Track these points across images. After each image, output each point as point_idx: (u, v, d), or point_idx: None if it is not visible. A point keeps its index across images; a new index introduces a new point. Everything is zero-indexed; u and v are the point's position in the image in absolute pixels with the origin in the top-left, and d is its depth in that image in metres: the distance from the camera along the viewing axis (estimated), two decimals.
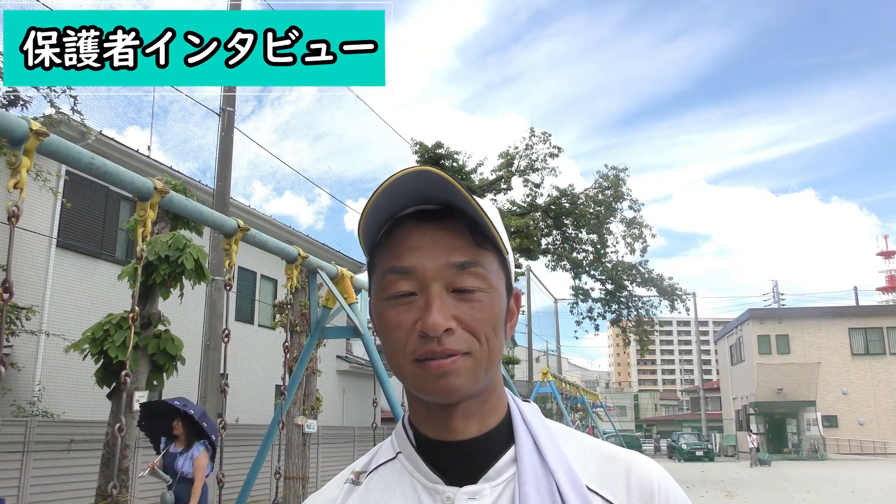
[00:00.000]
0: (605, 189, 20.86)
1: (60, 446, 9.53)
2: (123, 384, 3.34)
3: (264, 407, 17.20)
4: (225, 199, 11.25)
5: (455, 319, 0.80)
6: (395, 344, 0.83)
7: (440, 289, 0.81)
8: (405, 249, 0.82)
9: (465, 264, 0.81)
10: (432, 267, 0.81)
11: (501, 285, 0.86)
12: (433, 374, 0.80)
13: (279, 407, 5.31)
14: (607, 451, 0.89)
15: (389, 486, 0.87)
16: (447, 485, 0.83)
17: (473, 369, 0.81)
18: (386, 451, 0.93)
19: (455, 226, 0.82)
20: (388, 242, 0.85)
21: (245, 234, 4.39)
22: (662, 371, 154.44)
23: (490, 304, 0.83)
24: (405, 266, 0.82)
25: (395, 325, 0.82)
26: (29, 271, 11.67)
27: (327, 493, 0.94)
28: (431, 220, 0.83)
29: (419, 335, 0.80)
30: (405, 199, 0.83)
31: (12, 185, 2.65)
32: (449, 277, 0.81)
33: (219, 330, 10.66)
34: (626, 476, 0.85)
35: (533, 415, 0.91)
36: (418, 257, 0.82)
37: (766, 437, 37.72)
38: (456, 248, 0.82)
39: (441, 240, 0.82)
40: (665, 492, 0.85)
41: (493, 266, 0.84)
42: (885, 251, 77.20)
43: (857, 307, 42.69)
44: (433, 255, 0.81)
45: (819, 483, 20.25)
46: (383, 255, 0.85)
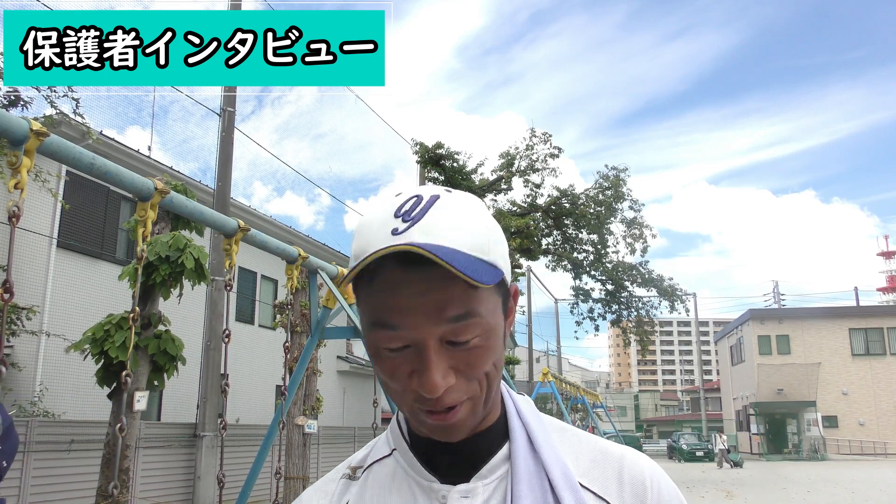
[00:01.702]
0: (605, 189, 20.85)
1: (61, 446, 9.53)
2: (124, 384, 3.34)
3: (265, 407, 17.21)
4: (225, 199, 11.25)
5: (453, 370, 0.77)
6: (393, 391, 0.81)
7: (435, 344, 0.76)
8: (392, 307, 0.76)
9: (458, 318, 0.76)
10: (424, 327, 0.75)
11: (498, 311, 0.82)
12: (435, 425, 0.79)
13: (280, 407, 5.31)
14: (600, 447, 0.89)
15: (385, 484, 0.87)
16: (441, 483, 0.84)
17: (474, 409, 0.80)
18: (381, 448, 0.93)
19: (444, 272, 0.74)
20: (371, 284, 0.78)
21: (245, 234, 4.39)
22: (663, 371, 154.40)
23: (487, 347, 0.79)
24: (394, 323, 0.76)
25: (391, 374, 0.79)
26: (29, 271, 11.68)
27: (325, 488, 0.94)
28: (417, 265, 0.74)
29: (417, 392, 0.77)
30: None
31: (13, 186, 2.65)
32: (443, 332, 0.76)
33: (219, 330, 10.66)
34: (619, 472, 0.85)
35: (527, 409, 0.91)
36: (408, 316, 0.75)
37: (767, 437, 37.72)
38: (448, 303, 0.75)
39: (430, 293, 0.75)
40: (658, 487, 0.85)
41: (490, 300, 0.80)
42: (886, 251, 77.16)
43: (858, 307, 42.68)
44: (425, 313, 0.75)
45: (819, 483, 20.25)
46: (368, 299, 0.79)
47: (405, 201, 0.79)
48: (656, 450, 49.97)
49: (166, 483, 11.33)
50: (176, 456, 11.57)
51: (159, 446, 11.25)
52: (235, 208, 16.07)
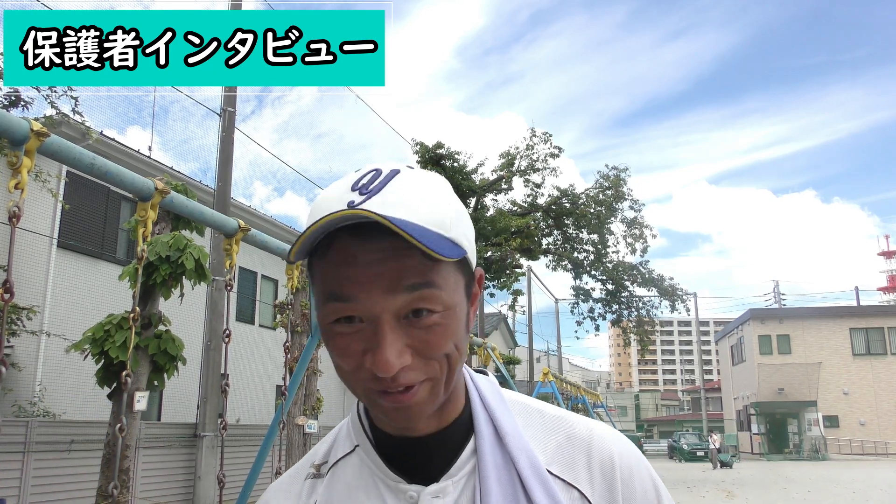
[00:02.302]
0: (605, 189, 20.86)
1: (61, 446, 9.53)
2: (124, 384, 3.34)
3: (265, 407, 17.21)
4: (226, 199, 11.26)
5: (409, 349, 0.73)
6: (345, 372, 0.76)
7: (390, 319, 0.72)
8: (345, 277, 0.72)
9: (416, 286, 0.72)
10: (379, 299, 0.71)
11: (460, 291, 0.78)
12: (390, 406, 0.75)
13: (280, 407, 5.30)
14: (566, 427, 0.86)
15: (352, 484, 0.84)
16: (409, 483, 0.81)
17: (433, 391, 0.76)
18: (343, 444, 0.89)
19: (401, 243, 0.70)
20: (325, 258, 0.74)
21: (246, 234, 4.39)
22: (663, 371, 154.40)
23: (447, 325, 0.74)
24: (348, 294, 0.72)
25: (342, 352, 0.75)
26: (30, 272, 11.68)
27: (289, 488, 0.90)
28: (371, 237, 0.71)
29: (370, 371, 0.73)
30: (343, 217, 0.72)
31: (13, 186, 2.65)
32: (399, 304, 0.72)
33: (220, 330, 10.66)
34: (587, 454, 0.83)
35: (491, 394, 0.88)
36: (361, 288, 0.71)
37: (768, 437, 37.71)
38: (403, 272, 0.71)
39: (386, 262, 0.71)
40: (628, 465, 0.83)
41: (450, 276, 0.76)
42: (886, 251, 77.13)
43: (859, 307, 42.67)
44: (380, 284, 0.71)
45: (820, 483, 20.24)
46: (321, 273, 0.75)
47: (363, 175, 0.76)
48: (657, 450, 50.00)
49: (166, 483, 11.33)
50: (176, 456, 11.57)
51: (159, 446, 11.25)
52: (236, 208, 16.07)
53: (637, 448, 0.86)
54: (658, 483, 0.85)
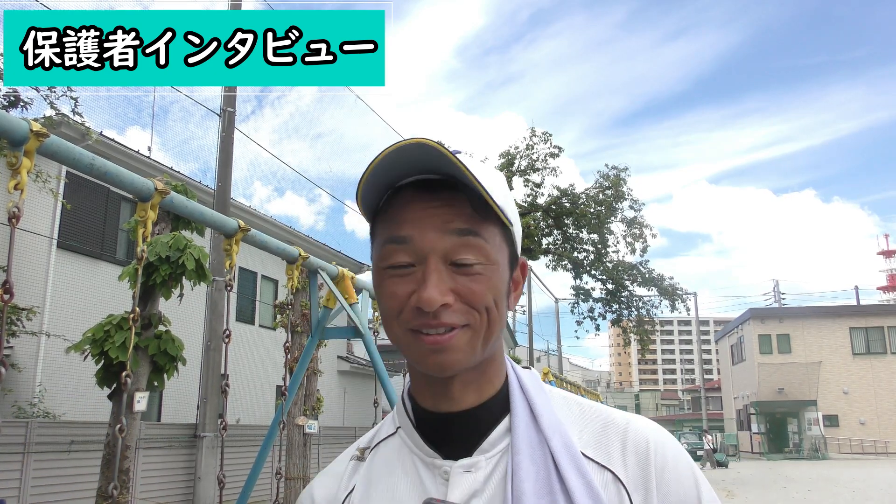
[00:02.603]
0: (605, 189, 20.86)
1: (61, 447, 9.52)
2: (124, 385, 3.33)
3: (265, 407, 17.20)
4: (225, 199, 11.25)
5: (453, 293, 0.79)
6: (390, 313, 0.83)
7: (437, 261, 0.80)
8: (403, 220, 0.81)
9: (463, 232, 0.80)
10: (430, 237, 0.80)
11: (504, 257, 0.84)
12: (429, 348, 0.80)
13: (280, 407, 5.30)
14: (605, 416, 0.88)
15: (391, 462, 0.89)
16: (444, 458, 0.84)
17: (472, 342, 0.81)
18: (387, 427, 0.94)
19: (455, 196, 0.81)
20: (388, 211, 0.84)
21: (246, 234, 4.39)
22: (663, 371, 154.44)
23: (489, 277, 0.81)
24: (403, 235, 0.81)
25: (391, 295, 0.82)
26: (29, 272, 11.67)
27: (335, 469, 0.96)
28: (431, 190, 0.81)
29: (415, 307, 0.79)
30: (406, 168, 0.82)
31: (13, 187, 2.65)
32: (447, 248, 0.80)
33: (220, 330, 10.66)
34: (622, 440, 0.84)
35: (531, 381, 0.90)
36: (416, 227, 0.80)
37: (768, 436, 37.71)
38: (455, 217, 0.80)
39: (440, 209, 0.81)
40: (662, 451, 0.83)
41: (495, 238, 0.83)
42: (886, 250, 77.11)
43: (858, 306, 42.68)
44: (431, 226, 0.80)
45: (820, 482, 20.24)
46: (383, 224, 0.84)
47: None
48: None
49: (167, 484, 11.32)
50: (176, 456, 11.57)
51: (159, 447, 11.25)
52: (236, 208, 16.07)
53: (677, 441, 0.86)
54: (698, 476, 0.85)
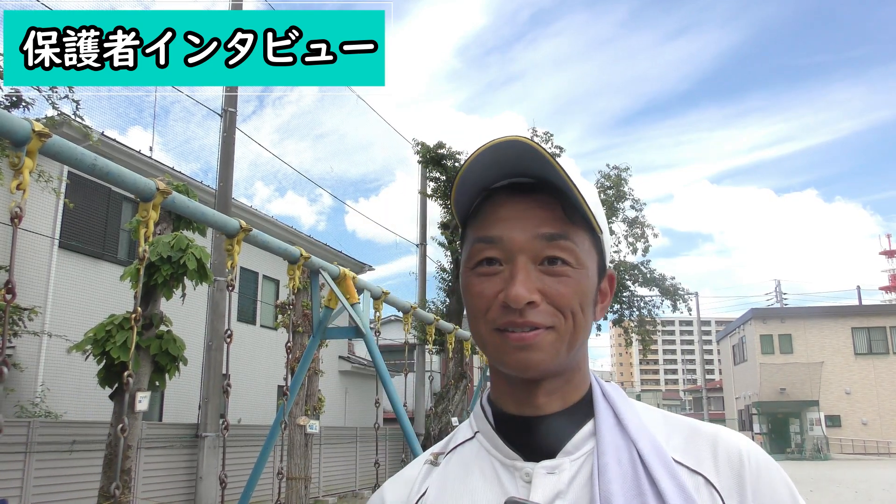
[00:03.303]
0: (607, 188, 20.85)
1: (63, 447, 9.53)
2: (126, 385, 3.34)
3: (266, 407, 17.21)
4: (227, 199, 11.26)
5: (539, 293, 0.79)
6: (477, 312, 0.83)
7: (526, 261, 0.80)
8: (494, 220, 0.82)
9: (553, 236, 0.80)
10: (520, 237, 0.80)
11: (592, 264, 0.84)
12: (513, 345, 0.79)
13: (281, 407, 5.31)
14: (692, 425, 0.87)
15: (468, 465, 0.87)
16: (525, 461, 0.83)
17: (556, 344, 0.80)
18: (464, 432, 0.93)
19: (547, 199, 0.82)
20: (479, 213, 0.85)
21: (247, 234, 4.40)
22: (665, 371, 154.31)
23: (577, 280, 0.81)
24: (493, 235, 0.82)
25: (478, 294, 0.82)
26: (31, 272, 11.69)
27: (407, 474, 0.94)
28: (523, 192, 0.82)
29: (501, 305, 0.80)
30: (498, 171, 0.82)
31: (15, 187, 2.65)
32: (536, 249, 0.80)
33: (221, 330, 10.67)
34: (713, 448, 0.83)
35: (615, 392, 0.90)
36: (506, 228, 0.81)
37: (770, 436, 37.65)
38: (545, 220, 0.81)
39: (531, 211, 0.81)
40: (756, 460, 0.83)
41: (585, 243, 0.83)
42: (888, 250, 76.91)
43: (860, 307, 42.60)
44: (522, 227, 0.81)
45: (822, 483, 20.22)
46: (474, 226, 0.85)
47: None
48: None
49: (168, 483, 11.33)
50: (178, 456, 11.57)
51: (161, 447, 11.26)
52: (237, 209, 16.08)
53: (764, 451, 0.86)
54: (793, 488, 0.84)
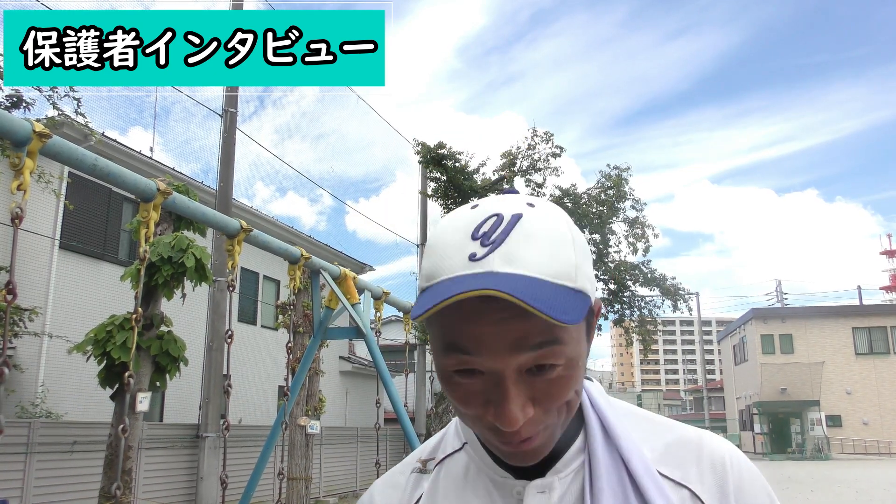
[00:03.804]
0: (607, 189, 20.83)
1: (64, 447, 9.53)
2: (126, 385, 3.34)
3: (267, 408, 17.21)
4: (227, 200, 11.26)
5: (531, 402, 0.72)
6: (465, 416, 0.77)
7: (513, 374, 0.71)
8: (471, 334, 0.70)
9: (542, 344, 0.70)
10: (503, 356, 0.70)
11: (583, 338, 0.76)
12: (509, 451, 0.76)
13: (282, 408, 5.31)
14: (675, 431, 0.86)
15: (459, 480, 0.86)
16: (516, 478, 0.81)
17: (551, 436, 0.77)
18: (452, 441, 0.90)
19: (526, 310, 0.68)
20: (446, 314, 0.70)
21: (248, 234, 4.40)
22: (666, 371, 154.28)
23: (569, 377, 0.73)
24: (471, 349, 0.71)
25: (464, 402, 0.74)
26: (32, 273, 11.69)
27: (395, 479, 0.92)
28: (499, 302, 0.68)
29: (491, 424, 0.73)
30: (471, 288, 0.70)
31: (15, 187, 2.65)
32: (522, 360, 0.70)
33: (222, 331, 10.67)
34: (697, 455, 0.83)
35: (598, 396, 0.88)
36: (487, 345, 0.70)
37: (770, 436, 37.64)
38: (529, 330, 0.69)
39: (511, 322, 0.69)
40: (739, 469, 0.82)
41: (575, 327, 0.74)
42: (889, 250, 76.87)
43: (861, 306, 42.59)
44: (504, 342, 0.69)
45: (823, 483, 20.21)
46: (444, 321, 0.72)
47: (484, 220, 0.73)
48: None
49: (169, 484, 11.33)
50: (178, 457, 11.58)
51: (162, 447, 11.26)
52: (237, 209, 16.08)
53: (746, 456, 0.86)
54: (773, 495, 0.84)
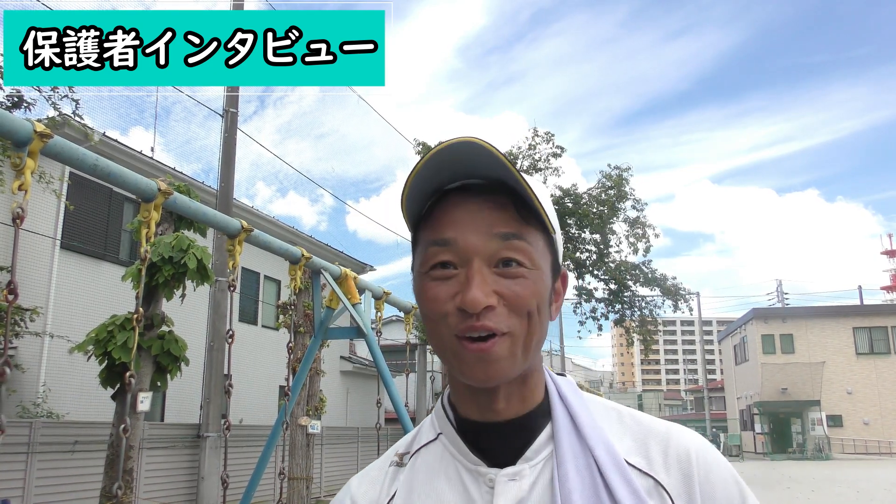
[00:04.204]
0: (608, 189, 20.82)
1: (65, 447, 9.54)
2: (127, 385, 3.34)
3: (268, 408, 17.22)
4: (228, 200, 11.26)
5: (496, 295, 0.78)
6: (435, 318, 0.81)
7: (481, 263, 0.79)
8: (448, 222, 0.81)
9: (507, 235, 0.79)
10: (474, 239, 0.79)
11: (546, 264, 0.84)
12: (472, 356, 0.79)
13: (283, 408, 5.31)
14: (644, 424, 0.88)
15: (433, 469, 0.88)
16: (489, 466, 0.84)
17: (513, 350, 0.80)
18: (427, 433, 0.93)
19: (500, 199, 0.81)
20: (431, 216, 0.83)
21: (249, 235, 4.40)
22: (666, 371, 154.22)
23: (533, 281, 0.81)
24: (447, 237, 0.80)
25: (434, 299, 0.81)
26: (33, 273, 11.70)
27: (373, 474, 0.95)
28: (476, 193, 0.81)
29: (458, 310, 0.78)
30: (450, 174, 0.81)
31: (16, 187, 2.65)
32: (491, 250, 0.79)
33: (222, 331, 10.68)
34: (664, 447, 0.85)
35: (569, 389, 0.91)
36: (460, 230, 0.80)
37: (771, 436, 37.63)
38: (499, 220, 0.80)
39: (485, 212, 0.80)
40: (705, 459, 0.85)
41: (539, 243, 0.83)
42: (890, 250, 76.80)
43: (862, 306, 42.56)
44: (476, 228, 0.80)
45: (824, 483, 20.20)
46: (426, 229, 0.84)
47: None
48: None
49: (170, 484, 11.34)
50: (179, 456, 11.59)
51: (163, 447, 11.27)
52: (238, 209, 16.09)
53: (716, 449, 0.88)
54: (742, 484, 0.86)
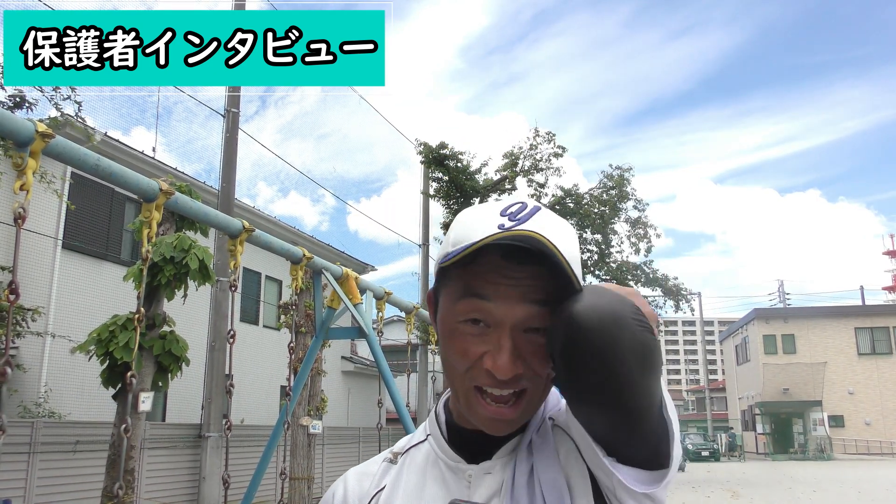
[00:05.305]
0: (609, 189, 20.81)
1: (66, 447, 9.55)
2: (129, 385, 3.35)
3: (269, 408, 17.22)
4: (230, 200, 11.27)
5: (522, 361, 0.83)
6: (457, 367, 0.86)
7: (514, 328, 0.83)
8: (491, 282, 0.83)
9: (541, 303, 0.82)
10: (512, 307, 0.82)
11: None
12: (489, 416, 0.85)
13: (284, 408, 5.32)
14: None
15: (420, 466, 0.97)
16: (469, 463, 0.92)
17: (526, 408, 0.86)
18: (419, 434, 1.02)
19: (539, 269, 0.81)
20: (472, 263, 0.84)
21: (250, 235, 4.40)
22: (668, 371, 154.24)
23: None
24: (487, 294, 0.82)
25: (463, 352, 0.85)
26: (35, 273, 11.71)
27: (368, 468, 1.04)
28: (518, 259, 0.82)
29: (486, 371, 0.83)
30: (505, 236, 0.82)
31: (18, 187, 2.66)
32: (523, 317, 0.82)
33: (224, 331, 10.69)
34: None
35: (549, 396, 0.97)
36: (500, 295, 0.82)
37: (773, 436, 37.61)
38: (534, 288, 0.82)
39: (524, 281, 0.82)
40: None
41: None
42: (892, 250, 76.66)
43: (864, 307, 42.50)
44: (515, 296, 0.82)
45: (825, 483, 20.18)
46: (464, 277, 0.85)
47: (510, 205, 0.86)
48: None
49: (171, 484, 11.35)
50: (181, 456, 11.59)
51: (164, 447, 11.28)
52: (240, 209, 16.09)
53: None
54: None
